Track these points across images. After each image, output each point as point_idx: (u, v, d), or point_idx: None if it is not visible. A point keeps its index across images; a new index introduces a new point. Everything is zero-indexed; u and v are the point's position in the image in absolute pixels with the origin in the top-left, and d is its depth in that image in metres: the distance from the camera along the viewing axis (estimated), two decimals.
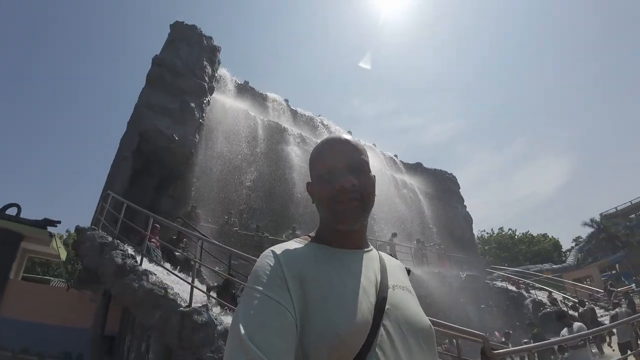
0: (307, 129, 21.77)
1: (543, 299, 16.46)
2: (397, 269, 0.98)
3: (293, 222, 16.40)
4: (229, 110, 16.35)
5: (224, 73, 17.38)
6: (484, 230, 50.06)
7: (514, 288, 18.21)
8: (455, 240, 22.37)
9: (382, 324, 0.78)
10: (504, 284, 18.69)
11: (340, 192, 0.85)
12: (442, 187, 25.24)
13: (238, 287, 8.42)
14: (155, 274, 6.31)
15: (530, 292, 17.72)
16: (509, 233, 48.80)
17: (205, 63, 13.33)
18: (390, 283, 0.88)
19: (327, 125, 23.94)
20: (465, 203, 26.35)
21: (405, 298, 0.89)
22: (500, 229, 49.84)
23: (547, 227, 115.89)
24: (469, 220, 25.67)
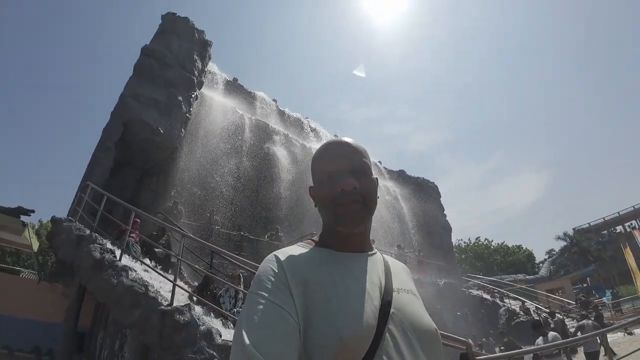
0: (294, 130, 21.68)
1: (516, 309, 16.89)
2: (402, 272, 0.97)
3: (276, 223, 16.25)
4: (217, 107, 16.08)
5: (214, 68, 17.11)
6: (461, 239, 51.22)
7: (489, 297, 18.63)
8: (435, 248, 22.71)
9: (387, 328, 0.77)
10: (480, 293, 19.09)
11: (342, 194, 0.85)
12: (423, 195, 25.62)
13: (220, 286, 8.27)
14: (135, 271, 6.09)
15: (505, 301, 18.16)
16: (485, 243, 50.05)
17: (196, 57, 13.07)
18: (395, 286, 0.87)
19: (314, 128, 23.93)
20: (445, 212, 26.83)
21: (411, 301, 0.87)
22: (477, 239, 51.09)
23: (522, 239, 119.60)
24: (448, 229, 26.13)
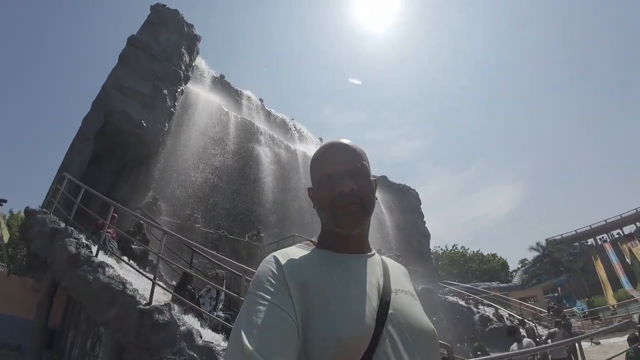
0: (279, 131, 21.57)
1: (490, 315, 17.28)
2: (400, 274, 0.97)
3: (258, 223, 16.09)
4: (203, 103, 15.79)
5: (201, 64, 16.82)
6: (438, 246, 52.19)
7: (464, 303, 19.00)
8: (413, 253, 23.00)
9: (385, 329, 0.77)
10: (455, 299, 19.44)
11: (340, 196, 0.85)
12: (404, 201, 25.95)
13: (199, 286, 8.05)
14: (113, 267, 5.86)
15: (479, 307, 18.57)
16: (461, 251, 51.19)
17: (184, 50, 12.79)
18: (394, 287, 0.87)
19: (299, 130, 23.89)
20: (425, 219, 27.25)
21: (409, 302, 0.87)
22: (454, 246, 52.21)
23: (496, 247, 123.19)
24: (427, 235, 26.55)
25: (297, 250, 0.87)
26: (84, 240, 6.13)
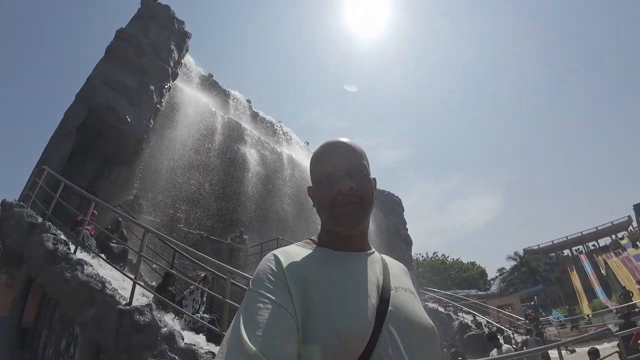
0: (266, 133, 21.42)
1: (469, 322, 17.53)
2: (400, 271, 0.97)
3: (241, 225, 15.89)
4: (190, 101, 15.54)
5: (190, 62, 16.56)
6: (419, 254, 52.85)
7: (444, 310, 19.23)
8: (396, 260, 23.13)
9: (384, 326, 0.77)
10: (435, 306, 19.66)
11: (339, 196, 0.86)
12: (388, 208, 26.15)
13: (181, 288, 7.84)
14: (92, 265, 5.66)
15: (458, 314, 18.83)
16: (442, 258, 51.95)
17: (173, 47, 12.57)
18: (393, 285, 0.87)
19: (286, 133, 23.77)
20: (407, 226, 27.54)
21: (408, 300, 0.88)
22: (435, 254, 52.97)
23: (475, 256, 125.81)
24: (409, 242, 26.81)
25: (297, 249, 0.87)
26: (62, 237, 5.90)
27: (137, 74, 11.03)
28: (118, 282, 6.05)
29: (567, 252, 39.42)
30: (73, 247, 5.89)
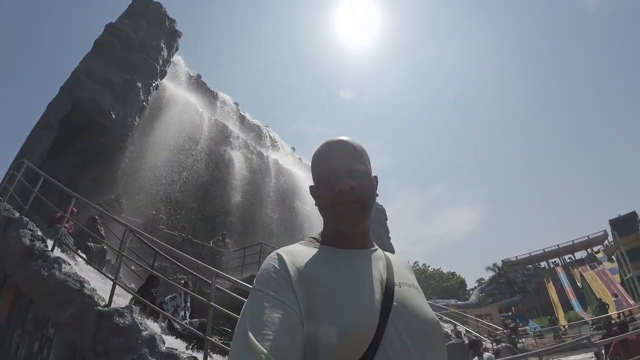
0: (252, 137, 21.25)
1: (449, 331, 17.61)
2: (403, 267, 0.97)
3: (223, 228, 15.66)
4: (177, 100, 15.28)
5: (179, 61, 16.32)
6: None
7: None
8: None
9: (389, 320, 0.77)
10: None
11: (340, 194, 0.86)
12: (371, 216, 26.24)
13: (162, 291, 7.61)
14: (69, 264, 5.42)
15: None
16: (422, 268, 52.56)
17: (163, 45, 12.36)
18: (397, 280, 0.88)
19: (273, 138, 23.66)
20: (390, 234, 27.68)
21: (413, 295, 0.88)
22: (415, 263, 53.54)
23: (455, 266, 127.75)
24: (391, 251, 26.87)
25: (300, 247, 0.87)
26: (40, 233, 5.64)
27: (124, 70, 10.78)
28: (96, 282, 5.84)
29: (544, 264, 40.36)
30: (50, 244, 5.64)
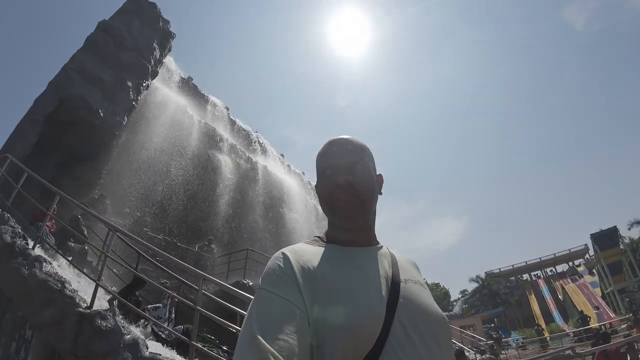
0: (242, 142, 21.10)
1: None
2: (409, 265, 0.98)
3: (210, 233, 15.41)
4: (167, 102, 15.10)
5: (170, 63, 16.17)
6: None
7: None
8: None
9: (396, 316, 0.77)
10: None
11: (337, 189, 0.87)
12: None
13: (144, 295, 7.39)
14: (51, 263, 5.24)
15: None
16: None
17: (155, 45, 12.23)
18: (402, 277, 0.88)
19: (262, 144, 23.53)
20: None
21: (418, 291, 0.88)
22: None
23: (440, 277, 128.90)
24: None
25: (304, 246, 0.88)
26: (21, 230, 5.44)
27: (115, 68, 10.60)
28: (78, 284, 5.66)
29: (526, 276, 41.05)
30: (31, 242, 5.45)
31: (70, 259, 6.68)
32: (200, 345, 4.78)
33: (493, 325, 27.13)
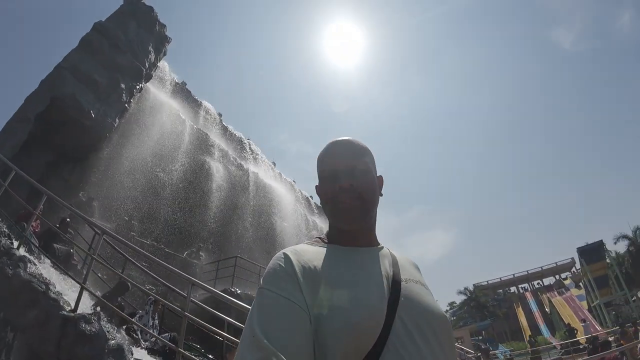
0: (234, 148, 21.01)
1: None
2: (409, 265, 0.98)
3: (199, 240, 15.21)
4: (160, 106, 14.98)
5: (165, 67, 16.11)
6: None
7: None
8: None
9: (397, 314, 0.78)
10: None
11: (340, 192, 0.88)
12: None
13: (135, 301, 7.21)
14: (36, 264, 5.10)
15: None
16: None
17: (151, 49, 12.20)
18: (403, 277, 0.88)
19: (254, 151, 23.44)
20: None
21: (419, 291, 0.88)
22: None
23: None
24: None
25: (306, 247, 0.88)
26: (6, 229, 5.30)
27: (109, 70, 10.51)
28: (62, 286, 5.50)
29: (514, 289, 41.28)
30: (16, 242, 5.30)
31: (55, 261, 6.53)
32: (188, 354, 4.67)
33: (481, 338, 27.16)
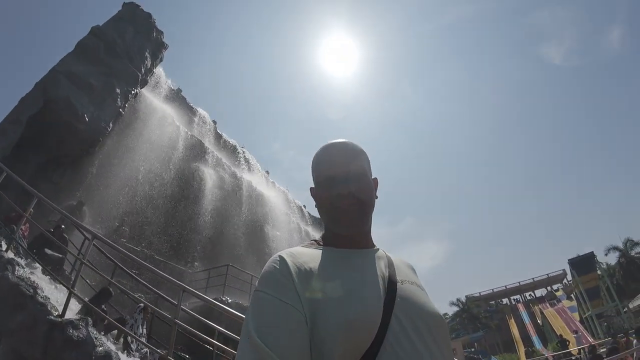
0: (227, 156, 20.95)
1: None
2: (405, 267, 0.99)
3: (190, 247, 15.04)
4: (154, 111, 14.93)
5: (160, 73, 16.12)
6: None
7: None
8: None
9: (393, 315, 0.78)
10: None
11: (338, 197, 0.88)
12: None
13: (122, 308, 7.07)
14: (24, 267, 4.99)
15: None
16: None
17: (147, 55, 12.21)
18: (399, 278, 0.89)
19: (248, 159, 23.40)
20: None
21: (415, 291, 0.89)
22: None
23: None
24: None
25: (301, 249, 0.88)
26: None
27: (104, 74, 10.48)
28: (50, 291, 5.37)
29: (506, 300, 41.28)
30: (4, 245, 5.20)
31: (45, 266, 6.39)
32: None
33: (474, 350, 27.04)
